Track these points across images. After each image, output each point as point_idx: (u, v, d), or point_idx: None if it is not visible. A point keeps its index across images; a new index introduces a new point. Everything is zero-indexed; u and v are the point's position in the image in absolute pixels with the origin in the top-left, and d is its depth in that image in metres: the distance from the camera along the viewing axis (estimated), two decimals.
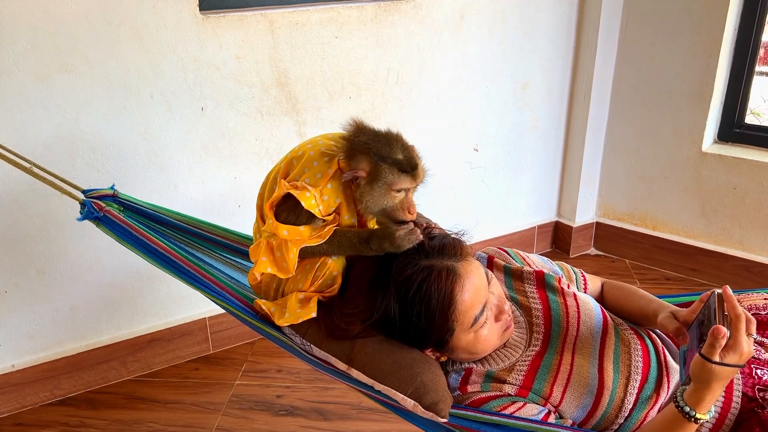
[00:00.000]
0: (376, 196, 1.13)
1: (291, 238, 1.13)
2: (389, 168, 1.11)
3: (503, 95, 2.56)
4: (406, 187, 1.14)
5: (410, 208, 1.17)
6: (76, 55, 1.75)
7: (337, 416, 1.93)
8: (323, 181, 1.14)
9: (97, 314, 2.02)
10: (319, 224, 1.15)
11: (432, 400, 1.08)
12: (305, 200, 1.11)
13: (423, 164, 1.17)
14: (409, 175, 1.13)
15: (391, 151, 1.12)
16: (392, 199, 1.14)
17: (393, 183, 1.12)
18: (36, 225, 1.85)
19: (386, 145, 1.13)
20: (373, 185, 1.12)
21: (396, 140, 1.14)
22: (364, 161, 1.12)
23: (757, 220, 2.50)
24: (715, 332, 0.97)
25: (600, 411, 1.13)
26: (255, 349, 2.26)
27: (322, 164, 1.15)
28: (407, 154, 1.14)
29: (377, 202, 1.13)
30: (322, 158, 1.16)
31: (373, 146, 1.12)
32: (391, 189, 1.13)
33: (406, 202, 1.16)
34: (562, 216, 2.94)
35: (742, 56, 2.46)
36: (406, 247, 1.13)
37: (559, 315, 1.22)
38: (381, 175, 1.11)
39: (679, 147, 2.61)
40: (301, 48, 2.05)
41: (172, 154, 1.97)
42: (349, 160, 1.13)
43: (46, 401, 1.99)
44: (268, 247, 1.17)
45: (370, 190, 1.12)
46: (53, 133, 1.79)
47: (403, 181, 1.13)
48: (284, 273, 1.16)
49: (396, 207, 1.15)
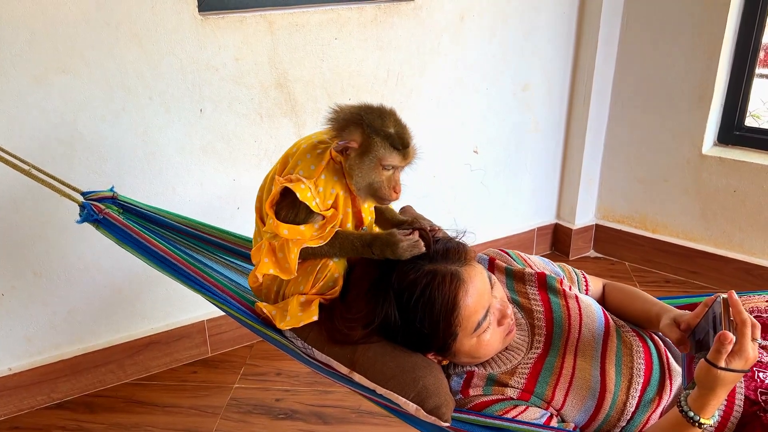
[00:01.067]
0: (365, 169, 1.11)
1: (292, 237, 1.13)
2: (381, 141, 1.10)
3: (503, 97, 2.56)
4: (395, 164, 1.13)
5: (396, 186, 1.15)
6: (74, 57, 1.74)
7: (336, 420, 1.91)
8: (317, 173, 1.13)
9: (94, 317, 2.01)
10: (318, 220, 1.14)
11: (434, 404, 1.07)
12: (300, 192, 1.10)
13: (414, 144, 1.16)
14: (400, 152, 1.12)
15: (383, 124, 1.11)
16: (380, 174, 1.12)
17: (383, 158, 1.11)
18: (33, 227, 1.84)
19: (379, 117, 1.11)
20: (363, 158, 1.11)
21: (389, 114, 1.13)
22: (356, 132, 1.11)
23: (757, 222, 2.49)
24: (722, 338, 0.96)
25: (602, 414, 1.13)
26: (254, 352, 2.24)
27: (315, 156, 1.15)
28: (399, 129, 1.12)
29: (366, 176, 1.12)
30: (315, 150, 1.15)
31: (366, 117, 1.10)
32: (381, 164, 1.11)
33: (392, 179, 1.14)
34: (561, 218, 2.93)
35: (742, 58, 2.46)
36: (407, 256, 1.11)
37: (561, 317, 1.21)
38: (372, 148, 1.10)
39: (679, 149, 2.61)
40: (301, 49, 2.04)
41: (171, 155, 1.96)
42: (341, 132, 1.12)
43: (44, 405, 1.98)
44: (270, 249, 1.16)
45: (360, 163, 1.11)
46: (51, 135, 1.78)
47: (394, 157, 1.12)
48: (286, 274, 1.15)
49: (383, 183, 1.13)
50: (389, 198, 1.16)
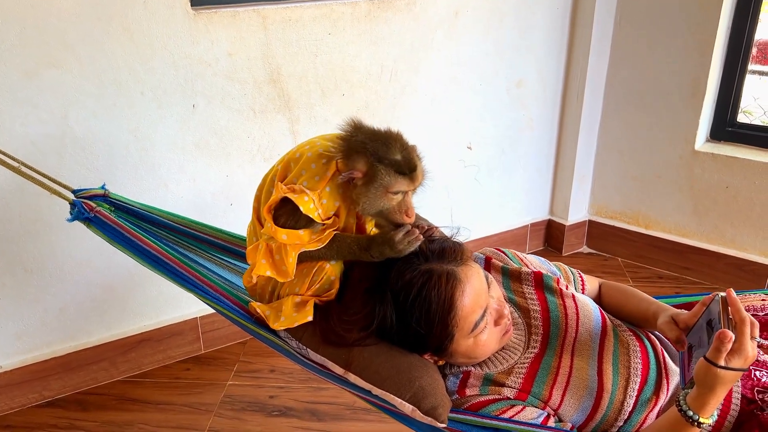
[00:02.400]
0: (372, 197, 1.10)
1: (290, 242, 1.11)
2: (386, 169, 1.08)
3: (497, 93, 2.55)
4: (403, 189, 1.11)
5: (408, 210, 1.14)
6: (65, 51, 1.72)
7: (330, 417, 1.91)
8: (321, 184, 1.11)
9: (86, 314, 1.99)
10: (319, 228, 1.13)
11: (431, 405, 1.06)
12: (303, 204, 1.08)
13: (422, 166, 1.14)
14: (407, 177, 1.10)
15: (388, 152, 1.09)
16: (389, 201, 1.11)
17: (390, 185, 1.09)
18: (24, 224, 1.82)
19: (384, 144, 1.09)
20: (369, 186, 1.09)
21: (395, 140, 1.11)
22: (360, 161, 1.09)
23: (749, 218, 2.50)
24: (721, 336, 0.96)
25: (599, 413, 1.13)
26: (247, 349, 2.23)
27: (320, 166, 1.12)
28: (406, 154, 1.10)
29: (374, 203, 1.11)
30: (320, 160, 1.13)
31: (370, 146, 1.09)
32: (388, 191, 1.10)
33: (403, 204, 1.13)
34: (554, 214, 2.94)
35: (734, 55, 2.46)
36: (407, 251, 1.10)
37: (558, 316, 1.21)
38: (377, 177, 1.08)
39: (671, 146, 2.62)
40: (294, 44, 2.03)
41: (164, 152, 1.94)
42: (346, 160, 1.10)
43: (35, 402, 1.96)
44: (267, 250, 1.14)
45: (366, 191, 1.09)
46: (42, 131, 1.76)
47: (400, 183, 1.10)
48: (283, 276, 1.14)
49: (393, 209, 1.12)
50: (402, 222, 1.14)
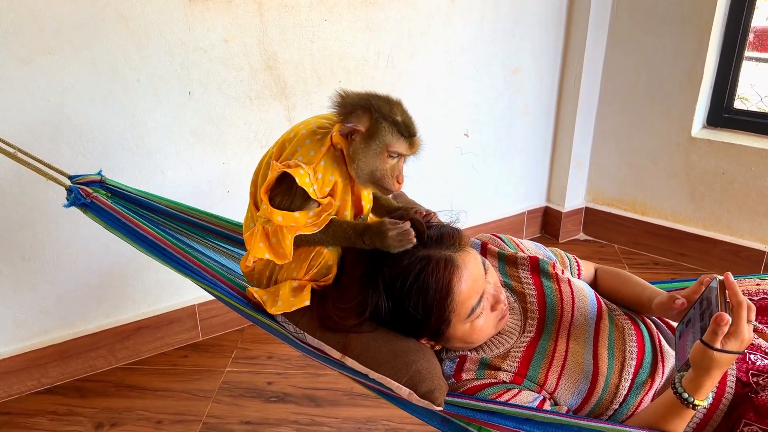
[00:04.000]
0: (370, 155, 1.10)
1: (286, 224, 1.11)
2: (389, 127, 1.09)
3: (494, 80, 2.55)
4: (401, 151, 1.12)
5: (399, 176, 1.14)
6: (60, 38, 1.71)
7: (328, 402, 1.92)
8: (316, 158, 1.11)
9: (84, 302, 1.99)
10: (314, 207, 1.13)
11: (427, 389, 1.07)
12: (299, 177, 1.08)
13: (420, 136, 1.15)
14: (407, 140, 1.11)
15: (391, 111, 1.10)
16: (384, 162, 1.11)
17: (390, 144, 1.10)
18: (21, 211, 1.82)
19: (387, 104, 1.11)
20: (369, 142, 1.09)
21: (397, 104, 1.12)
22: (364, 117, 1.10)
23: (745, 204, 2.51)
24: (718, 319, 0.97)
25: (595, 397, 1.13)
26: (245, 336, 2.24)
27: (315, 142, 1.13)
28: (407, 119, 1.12)
29: (369, 162, 1.10)
30: (315, 136, 1.13)
31: (374, 102, 1.10)
32: (387, 150, 1.10)
33: (396, 168, 1.13)
34: (551, 201, 2.94)
35: (731, 41, 2.46)
36: (396, 249, 1.09)
37: (554, 301, 1.21)
38: (379, 133, 1.09)
39: (668, 132, 2.62)
40: (290, 31, 2.02)
41: (160, 139, 1.94)
42: (347, 116, 1.10)
43: (34, 390, 1.97)
44: (264, 233, 1.15)
45: (366, 147, 1.10)
46: (38, 118, 1.75)
47: (401, 144, 1.11)
48: (281, 259, 1.14)
49: (386, 172, 1.12)
50: (392, 188, 1.14)
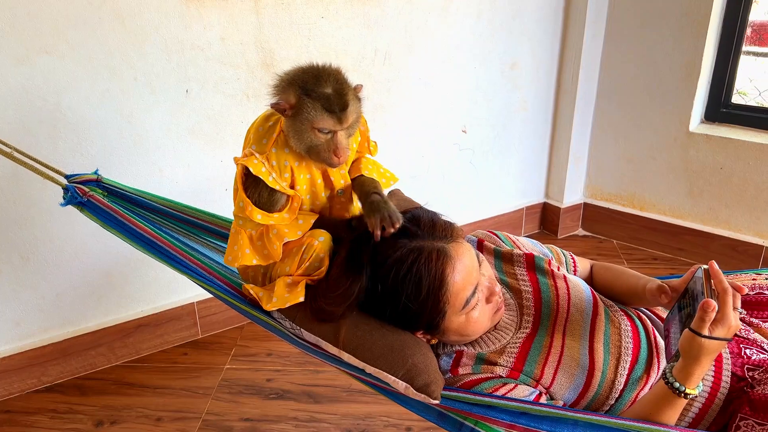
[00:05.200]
0: (298, 132, 1.07)
1: (264, 222, 1.11)
2: (312, 103, 1.05)
3: (491, 76, 2.55)
4: (329, 127, 1.07)
5: (336, 150, 1.09)
6: (57, 37, 1.71)
7: (327, 399, 1.93)
8: (268, 146, 1.09)
9: (83, 300, 2.00)
10: (282, 201, 1.12)
11: (424, 382, 1.07)
12: (254, 167, 1.07)
13: (358, 107, 1.10)
14: (334, 115, 1.06)
15: (318, 85, 1.05)
16: (316, 137, 1.07)
17: (314, 120, 1.06)
18: (19, 211, 1.82)
19: (315, 77, 1.06)
20: (295, 120, 1.07)
21: (329, 75, 1.07)
22: (290, 93, 1.06)
23: (743, 199, 2.51)
24: (705, 306, 0.98)
25: (591, 392, 1.14)
26: (244, 334, 2.25)
27: (266, 129, 1.11)
28: (339, 89, 1.06)
29: (301, 138, 1.08)
30: (266, 123, 1.12)
31: (301, 77, 1.06)
32: (313, 126, 1.06)
33: (332, 143, 1.09)
34: (550, 197, 2.94)
35: (729, 36, 2.46)
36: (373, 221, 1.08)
37: (550, 297, 1.22)
38: (303, 110, 1.05)
39: (666, 127, 2.62)
40: (287, 28, 2.02)
41: (157, 137, 1.94)
42: (280, 94, 1.08)
43: (34, 388, 1.98)
44: (249, 239, 1.14)
45: (293, 125, 1.07)
46: (34, 117, 1.75)
47: (326, 120, 1.06)
48: (268, 260, 1.14)
49: (322, 147, 1.09)
50: (330, 162, 1.10)
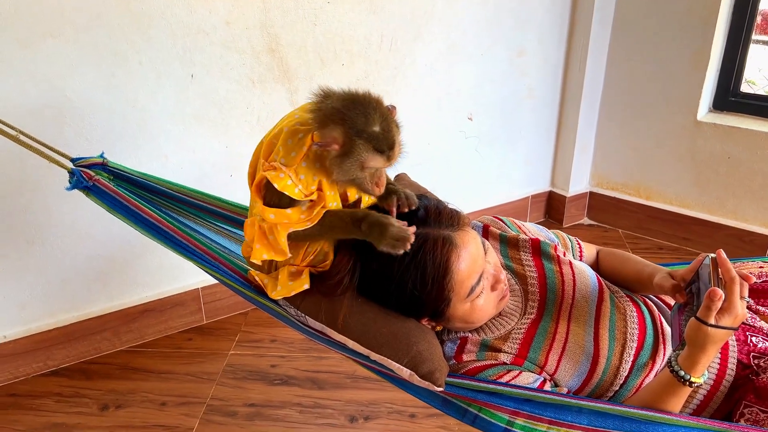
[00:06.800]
0: (345, 170, 1.05)
1: (278, 221, 1.09)
2: (364, 145, 1.02)
3: (498, 63, 2.53)
4: (378, 166, 1.06)
5: (378, 181, 1.09)
6: (62, 21, 1.71)
7: (331, 385, 1.93)
8: (297, 160, 1.06)
9: (88, 285, 2.01)
10: (306, 204, 1.10)
11: (428, 369, 1.07)
12: (279, 182, 1.04)
13: (400, 139, 1.08)
14: (384, 155, 1.04)
15: (367, 124, 1.02)
16: (362, 173, 1.06)
17: (365, 161, 1.03)
18: (24, 195, 1.82)
19: (363, 115, 1.03)
20: (344, 159, 1.03)
21: (374, 108, 1.04)
22: (337, 131, 1.02)
23: (750, 189, 2.50)
24: (711, 295, 0.97)
25: (595, 379, 1.14)
26: (249, 320, 2.25)
27: (296, 141, 1.07)
28: (385, 127, 1.04)
29: (346, 174, 1.05)
30: (296, 135, 1.08)
31: (347, 115, 1.02)
32: (363, 166, 1.04)
33: (375, 176, 1.08)
34: (555, 186, 2.93)
35: (738, 24, 2.43)
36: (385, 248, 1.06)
37: (555, 283, 1.21)
38: (354, 151, 1.02)
39: (674, 116, 2.60)
40: (293, 13, 2.01)
41: (163, 122, 1.94)
42: (321, 129, 1.04)
43: (40, 372, 1.99)
44: (261, 233, 1.13)
45: (341, 163, 1.04)
46: (40, 101, 1.75)
47: (377, 160, 1.04)
48: (280, 256, 1.12)
49: (365, 180, 1.07)
50: (372, 193, 1.10)
